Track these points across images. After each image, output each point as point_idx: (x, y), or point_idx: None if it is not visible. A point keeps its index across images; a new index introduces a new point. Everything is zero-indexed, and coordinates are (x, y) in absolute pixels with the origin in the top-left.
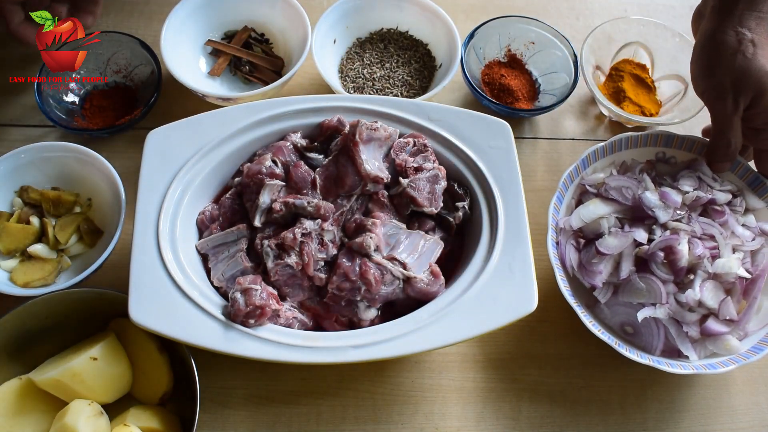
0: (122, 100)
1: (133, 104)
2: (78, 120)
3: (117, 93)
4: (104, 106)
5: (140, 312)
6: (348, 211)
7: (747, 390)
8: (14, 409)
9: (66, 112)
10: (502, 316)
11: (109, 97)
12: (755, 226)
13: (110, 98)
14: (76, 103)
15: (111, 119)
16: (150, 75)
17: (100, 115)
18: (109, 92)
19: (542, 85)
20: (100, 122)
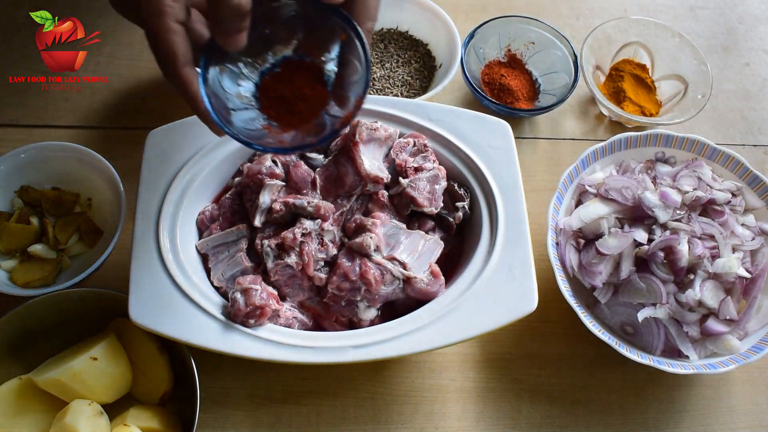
0: (306, 79)
1: (323, 83)
2: (265, 127)
3: (293, 68)
4: (285, 97)
5: (140, 312)
6: (348, 211)
7: (747, 390)
8: (14, 409)
9: (246, 121)
10: (502, 316)
11: (287, 79)
12: (755, 226)
13: (290, 80)
14: (250, 97)
15: (308, 111)
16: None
17: (286, 112)
18: (284, 70)
19: (542, 85)
20: (293, 122)
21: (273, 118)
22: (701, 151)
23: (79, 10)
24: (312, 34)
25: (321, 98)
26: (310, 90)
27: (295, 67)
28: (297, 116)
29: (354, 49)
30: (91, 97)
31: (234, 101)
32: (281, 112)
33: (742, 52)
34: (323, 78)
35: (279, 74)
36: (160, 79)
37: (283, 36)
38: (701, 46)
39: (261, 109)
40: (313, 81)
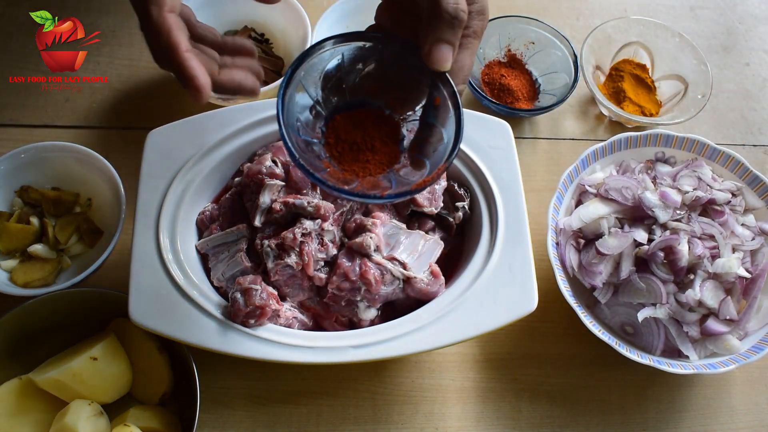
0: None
1: (396, 140)
2: (326, 164)
3: (370, 118)
4: (356, 143)
5: (140, 312)
6: (348, 211)
7: (747, 390)
8: (14, 409)
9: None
10: (502, 316)
11: (361, 126)
12: (755, 226)
13: (363, 127)
14: (317, 129)
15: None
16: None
17: (351, 159)
18: (359, 115)
19: (542, 85)
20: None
21: (336, 158)
22: (701, 151)
23: (79, 10)
24: (401, 88)
25: (391, 155)
26: (382, 144)
27: (373, 117)
28: (361, 165)
29: (445, 116)
30: (91, 97)
31: (300, 125)
32: (346, 155)
33: (742, 52)
34: (398, 136)
35: (353, 117)
36: (160, 79)
37: (369, 82)
38: (701, 46)
39: (325, 145)
40: (386, 136)
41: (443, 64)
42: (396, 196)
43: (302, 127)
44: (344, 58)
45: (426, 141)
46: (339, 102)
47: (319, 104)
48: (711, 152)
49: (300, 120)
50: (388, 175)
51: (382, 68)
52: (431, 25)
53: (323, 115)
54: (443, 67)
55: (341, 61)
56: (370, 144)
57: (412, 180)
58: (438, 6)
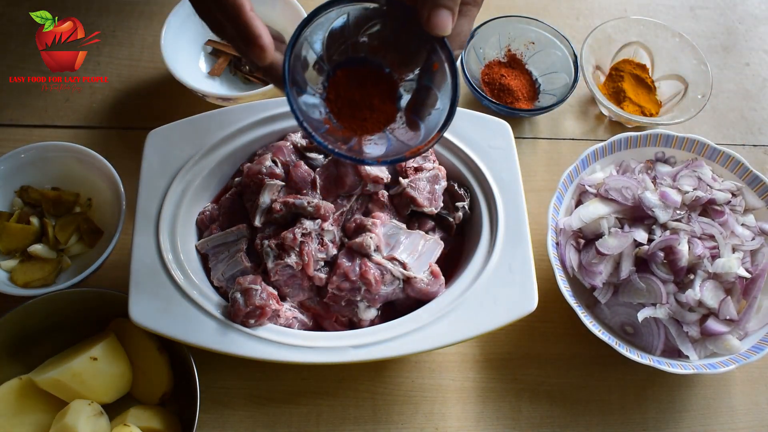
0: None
1: (394, 100)
2: (326, 121)
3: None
4: (355, 100)
5: (140, 312)
6: (348, 211)
7: (747, 390)
8: (14, 409)
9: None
10: (502, 316)
11: (361, 83)
12: (755, 226)
13: (363, 85)
14: (319, 84)
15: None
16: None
17: (350, 116)
18: (360, 72)
19: (542, 85)
20: (355, 128)
21: (335, 114)
22: (701, 151)
23: (79, 10)
24: (401, 49)
25: (389, 114)
26: (380, 102)
27: (370, 72)
28: (359, 123)
29: (442, 81)
30: (91, 97)
31: (303, 81)
32: (345, 111)
33: (742, 52)
34: (395, 95)
35: (353, 72)
36: (160, 79)
37: (371, 41)
38: (701, 46)
39: (326, 101)
40: (384, 94)
41: (442, 30)
42: (391, 161)
43: (305, 83)
44: (350, 18)
45: (422, 103)
46: (340, 56)
47: (323, 60)
48: (711, 152)
49: (304, 78)
50: (384, 134)
51: (385, 30)
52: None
53: (326, 70)
54: (442, 32)
55: (347, 21)
56: (369, 102)
57: (407, 143)
58: None
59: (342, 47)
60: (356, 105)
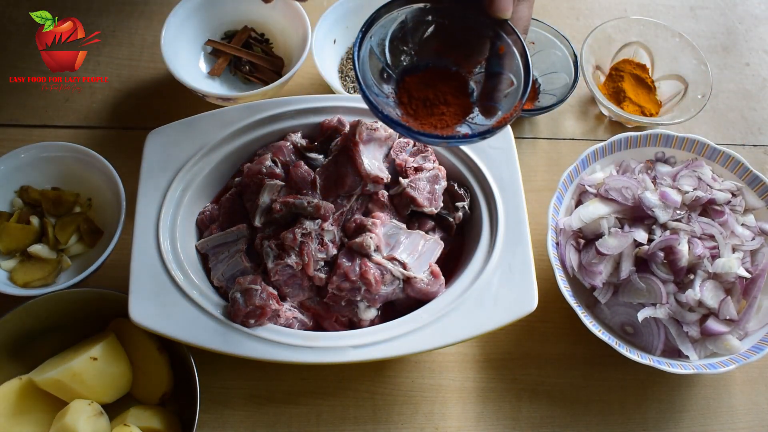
0: (450, 88)
1: (467, 94)
2: (404, 119)
3: (438, 76)
4: (429, 99)
5: (140, 312)
6: (348, 211)
7: (747, 390)
8: (14, 409)
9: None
10: (502, 316)
11: (431, 84)
12: (755, 226)
13: (434, 85)
14: (389, 90)
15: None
16: None
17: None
18: (428, 75)
19: (542, 85)
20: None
21: (410, 115)
22: (701, 151)
23: (79, 10)
24: (464, 44)
25: (465, 107)
26: (453, 98)
27: (441, 75)
28: (437, 118)
29: (510, 62)
30: (91, 97)
31: (376, 88)
32: (420, 111)
33: (742, 52)
34: (467, 90)
35: (422, 77)
36: (160, 79)
37: (433, 42)
38: (701, 46)
39: (399, 105)
40: (456, 90)
41: (505, 12)
42: (479, 135)
43: (376, 89)
44: (408, 20)
45: (495, 89)
46: (407, 64)
47: (389, 67)
48: (711, 152)
49: (374, 82)
50: (462, 125)
51: (445, 26)
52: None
53: (393, 77)
54: (505, 14)
55: (405, 23)
56: (443, 98)
57: (488, 125)
58: None
59: (406, 53)
60: (431, 103)
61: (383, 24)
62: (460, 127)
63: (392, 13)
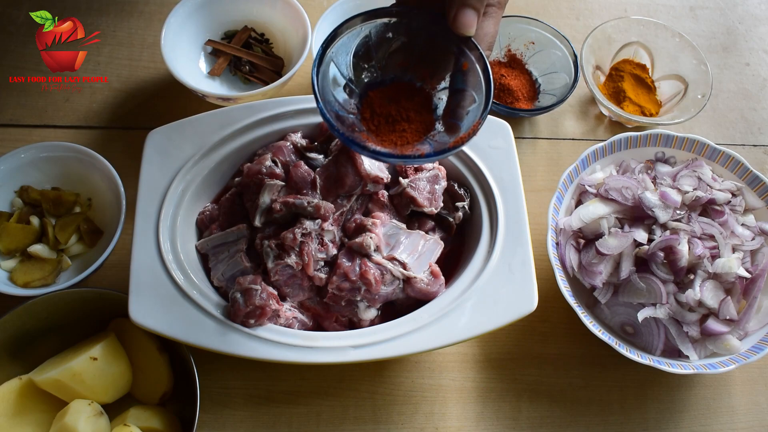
0: (414, 104)
1: (430, 110)
2: (364, 136)
3: (402, 91)
4: (391, 115)
5: (140, 312)
6: (348, 211)
7: (747, 390)
8: (14, 409)
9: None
10: (502, 316)
11: (394, 99)
12: (755, 226)
13: (397, 101)
14: (351, 105)
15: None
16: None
17: (388, 130)
18: (392, 90)
19: (542, 85)
20: (395, 140)
21: (372, 131)
22: (701, 151)
23: (79, 10)
24: (429, 60)
25: (427, 124)
26: (416, 114)
27: (405, 90)
28: (398, 135)
29: (474, 80)
30: (91, 97)
31: (336, 104)
32: (382, 127)
33: (742, 52)
34: (431, 106)
35: (386, 92)
36: (160, 79)
37: (398, 57)
38: (701, 46)
39: (361, 120)
40: (420, 106)
41: (469, 29)
42: (435, 154)
43: (337, 105)
44: (372, 35)
45: (458, 105)
46: (371, 79)
47: (352, 82)
48: (711, 152)
49: (335, 98)
50: (424, 142)
51: (410, 41)
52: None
53: (356, 92)
54: (468, 31)
55: (369, 38)
56: (405, 114)
57: (447, 143)
58: None
59: (370, 68)
60: (393, 119)
61: (346, 39)
62: (422, 144)
63: (356, 28)
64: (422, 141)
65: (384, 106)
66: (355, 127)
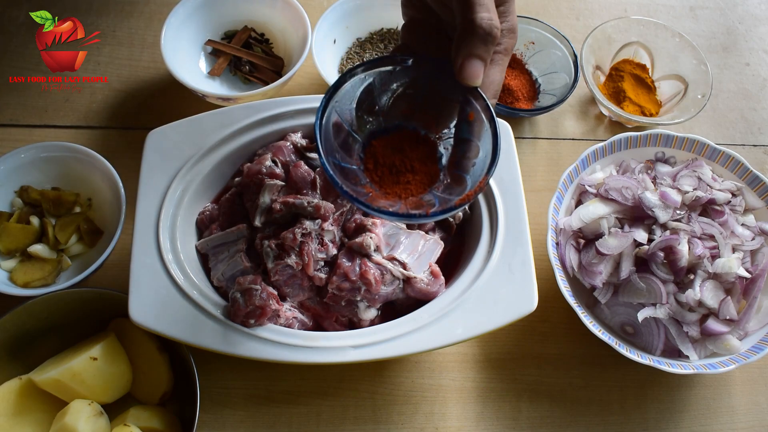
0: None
1: (434, 160)
2: (368, 189)
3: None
4: (395, 165)
5: (140, 312)
6: (348, 211)
7: (747, 390)
8: (14, 409)
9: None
10: (502, 316)
11: (398, 148)
12: (755, 226)
13: (401, 150)
14: (355, 155)
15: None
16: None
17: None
18: (396, 138)
19: (542, 85)
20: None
21: (376, 183)
22: (701, 151)
23: (79, 10)
24: (433, 108)
25: (432, 174)
26: (420, 165)
27: (409, 139)
28: (402, 187)
29: (480, 130)
30: (91, 97)
31: (339, 155)
32: (386, 178)
33: (742, 52)
34: (435, 155)
35: (390, 140)
36: (160, 79)
37: (401, 105)
38: (701, 46)
39: (365, 171)
40: (424, 156)
41: (475, 80)
42: (441, 212)
43: (339, 156)
44: (375, 83)
45: (464, 156)
46: (374, 127)
47: (354, 131)
48: (711, 152)
49: (338, 148)
50: (429, 194)
51: (414, 89)
52: (464, 41)
53: (360, 141)
54: (475, 82)
55: (372, 86)
56: (410, 165)
57: (454, 196)
58: (472, 22)
59: (373, 116)
60: (397, 170)
61: (349, 88)
62: (426, 196)
63: (358, 76)
64: (427, 193)
65: (388, 155)
66: (358, 179)
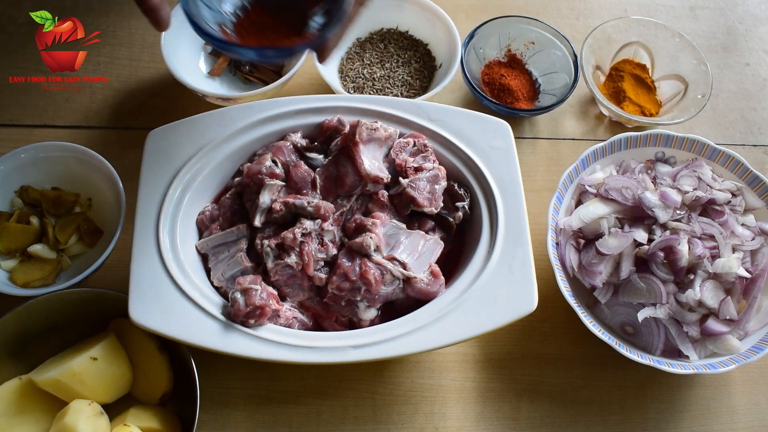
0: (286, 22)
1: (301, 30)
2: (226, 35)
3: (284, 10)
4: (265, 24)
5: (140, 312)
6: (348, 211)
7: (747, 390)
8: (14, 409)
9: (214, 21)
10: (502, 316)
11: (273, 14)
12: (755, 226)
13: (273, 15)
14: (230, 12)
15: (268, 41)
16: None
17: (256, 34)
18: (274, 6)
19: (542, 85)
20: (254, 41)
21: (239, 33)
22: (701, 151)
23: (79, 10)
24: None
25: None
26: (287, 28)
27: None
28: (266, 38)
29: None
30: (91, 97)
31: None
32: (251, 32)
33: (742, 52)
34: (303, 25)
35: (266, 5)
36: (160, 79)
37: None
38: (701, 46)
39: (234, 24)
40: (294, 21)
41: None
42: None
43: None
44: None
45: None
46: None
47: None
48: (711, 152)
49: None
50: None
51: None
52: None
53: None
54: None
55: None
56: (277, 28)
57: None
58: None
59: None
60: (262, 28)
61: None
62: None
63: None
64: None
65: (263, 17)
66: (225, 27)
